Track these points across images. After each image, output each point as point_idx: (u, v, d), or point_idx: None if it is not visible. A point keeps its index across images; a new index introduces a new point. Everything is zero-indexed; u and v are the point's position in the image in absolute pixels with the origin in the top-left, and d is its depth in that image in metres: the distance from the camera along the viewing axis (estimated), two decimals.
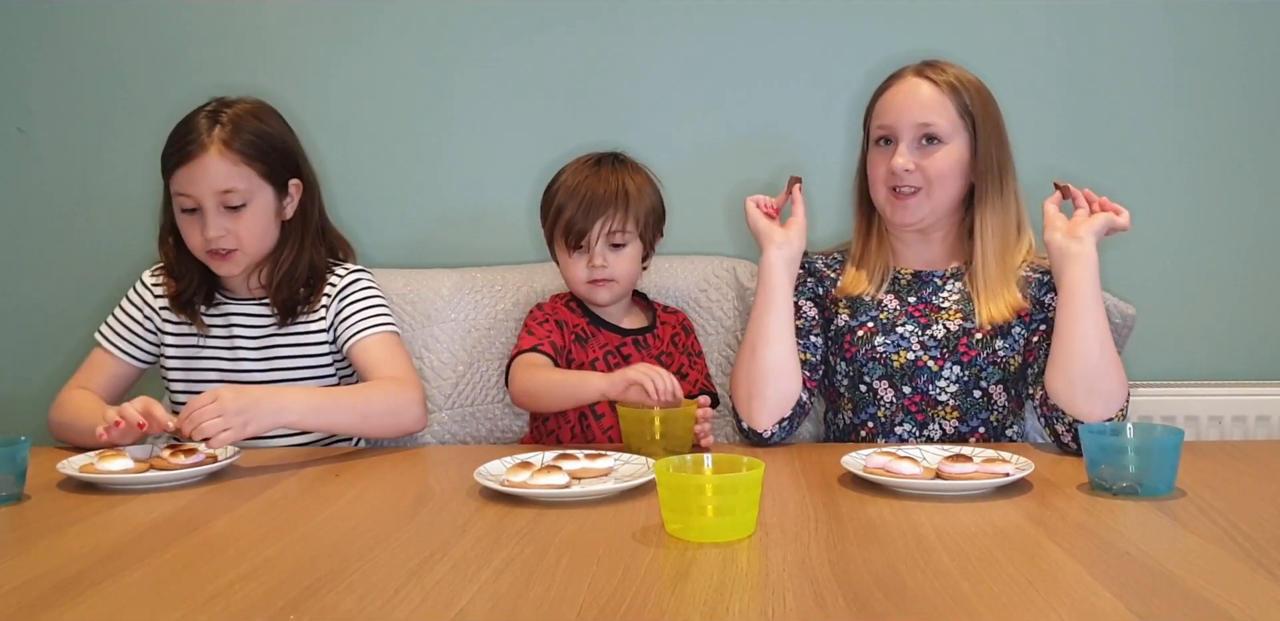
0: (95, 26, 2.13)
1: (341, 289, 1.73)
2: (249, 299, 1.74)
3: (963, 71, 1.63)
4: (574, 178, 1.72)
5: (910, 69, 1.64)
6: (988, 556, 1.03)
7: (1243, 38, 2.09)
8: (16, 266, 2.20)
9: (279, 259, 1.71)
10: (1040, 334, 1.60)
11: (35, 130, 2.17)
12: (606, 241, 1.69)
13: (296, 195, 1.73)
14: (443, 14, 2.12)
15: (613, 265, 1.70)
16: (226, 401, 1.43)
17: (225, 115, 1.65)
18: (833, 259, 1.74)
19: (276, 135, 1.69)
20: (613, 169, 1.73)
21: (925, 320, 1.63)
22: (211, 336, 1.73)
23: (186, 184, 1.63)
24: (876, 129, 1.64)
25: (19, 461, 1.31)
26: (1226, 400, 2.08)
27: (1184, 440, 1.26)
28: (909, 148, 1.59)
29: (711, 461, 1.18)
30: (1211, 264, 2.14)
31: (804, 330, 1.67)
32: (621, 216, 1.69)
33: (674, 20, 2.11)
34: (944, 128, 1.59)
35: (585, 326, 1.75)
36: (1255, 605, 0.90)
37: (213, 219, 1.63)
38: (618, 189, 1.70)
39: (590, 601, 0.92)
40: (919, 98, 1.60)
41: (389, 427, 1.61)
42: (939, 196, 1.61)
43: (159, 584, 1.00)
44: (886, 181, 1.61)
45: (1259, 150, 2.11)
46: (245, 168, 1.64)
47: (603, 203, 1.68)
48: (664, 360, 1.77)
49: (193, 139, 1.62)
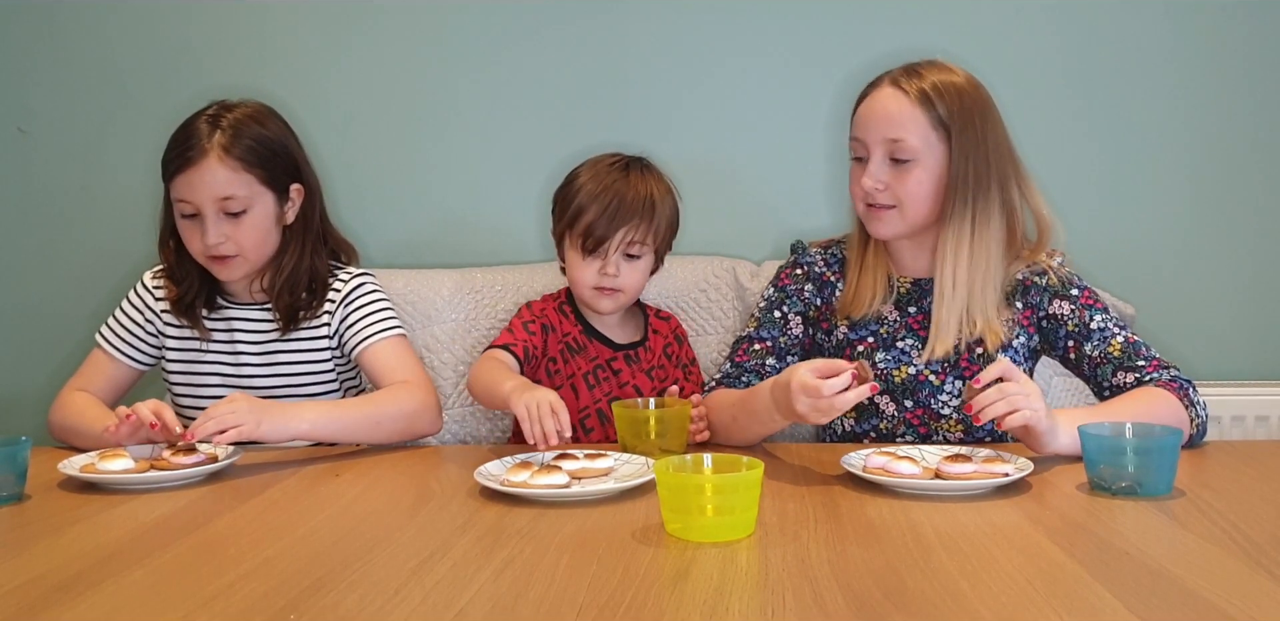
0: (95, 27, 2.13)
1: (346, 295, 1.72)
2: (251, 304, 1.73)
3: (948, 74, 1.54)
4: (600, 180, 1.67)
5: (888, 77, 1.56)
6: (988, 556, 1.03)
7: (1243, 38, 2.09)
8: (16, 266, 2.20)
9: (280, 264, 1.70)
10: (1075, 349, 1.58)
11: (35, 130, 2.17)
12: (624, 251, 1.66)
13: (298, 200, 1.71)
14: (444, 15, 2.12)
15: (624, 275, 1.68)
16: (242, 402, 1.46)
17: (226, 120, 1.63)
18: (832, 255, 1.71)
19: (277, 140, 1.67)
20: (641, 175, 1.69)
21: (925, 333, 1.61)
22: (214, 341, 1.72)
23: (186, 190, 1.61)
24: (852, 141, 1.58)
25: (19, 461, 1.31)
26: (1226, 400, 2.08)
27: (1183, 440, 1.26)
28: (879, 165, 1.53)
29: (711, 461, 1.18)
30: (1211, 264, 2.14)
31: (785, 349, 1.67)
32: (645, 227, 1.66)
33: (674, 20, 2.11)
34: (913, 144, 1.51)
35: (577, 336, 1.73)
36: (1255, 605, 0.90)
37: (212, 225, 1.62)
38: (645, 198, 1.66)
39: (590, 601, 0.92)
40: (888, 111, 1.52)
41: (403, 433, 1.61)
42: (912, 215, 1.55)
43: (159, 584, 1.00)
44: (863, 198, 1.57)
45: (1259, 150, 2.12)
46: (245, 174, 1.62)
47: (629, 211, 1.64)
48: (655, 374, 1.76)
49: (193, 145, 1.60)
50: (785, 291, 1.70)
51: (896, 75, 1.55)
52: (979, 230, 1.54)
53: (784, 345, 1.67)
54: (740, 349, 1.68)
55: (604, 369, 1.72)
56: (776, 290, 1.71)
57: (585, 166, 1.72)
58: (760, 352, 1.66)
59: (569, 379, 1.72)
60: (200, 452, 1.43)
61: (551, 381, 1.71)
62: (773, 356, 1.66)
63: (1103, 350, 1.56)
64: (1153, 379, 1.51)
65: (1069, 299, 1.60)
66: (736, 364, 1.66)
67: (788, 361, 1.66)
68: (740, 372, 1.66)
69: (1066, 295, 1.60)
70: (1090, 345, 1.57)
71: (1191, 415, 1.46)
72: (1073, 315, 1.59)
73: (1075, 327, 1.58)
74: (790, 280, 1.70)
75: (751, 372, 1.65)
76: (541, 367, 1.71)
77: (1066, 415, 1.39)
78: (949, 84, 1.53)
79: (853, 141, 1.58)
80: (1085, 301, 1.60)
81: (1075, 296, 1.60)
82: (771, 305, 1.70)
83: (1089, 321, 1.58)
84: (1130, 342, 1.56)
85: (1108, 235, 2.12)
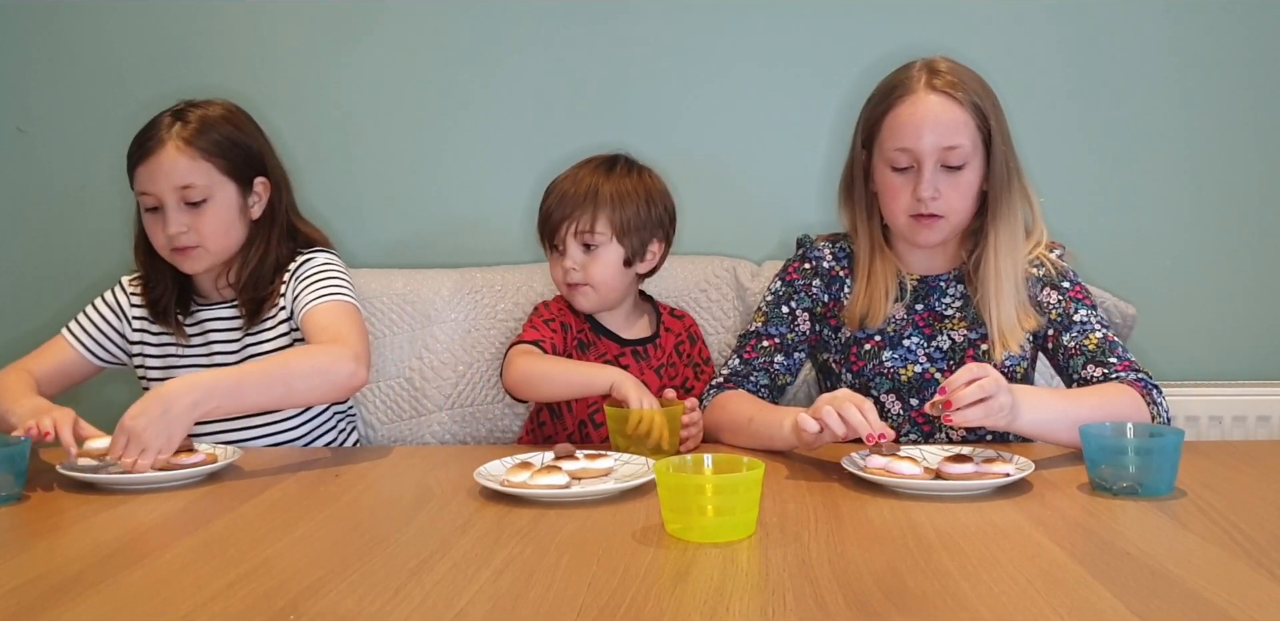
0: (95, 26, 2.13)
1: (296, 271, 1.70)
2: (220, 302, 1.73)
3: (966, 71, 1.55)
4: (562, 178, 1.72)
5: (920, 81, 1.52)
6: (988, 556, 1.03)
7: (1243, 38, 2.09)
8: (15, 265, 2.19)
9: (246, 258, 1.70)
10: (1053, 338, 1.60)
11: (35, 130, 2.17)
12: (578, 242, 1.67)
13: (264, 194, 1.71)
14: (442, 15, 2.12)
15: (586, 269, 1.67)
16: (131, 428, 1.35)
17: (190, 115, 1.64)
18: (840, 250, 1.69)
19: (239, 132, 1.68)
20: (602, 170, 1.70)
21: (930, 331, 1.62)
22: (189, 344, 1.72)
23: (148, 181, 1.62)
24: (895, 152, 1.53)
25: (19, 461, 1.31)
26: (1226, 400, 2.08)
27: (1184, 440, 1.26)
28: (934, 174, 1.51)
29: (711, 461, 1.18)
30: (1211, 264, 2.14)
31: (793, 345, 1.66)
32: (589, 218, 1.66)
33: (674, 21, 2.10)
34: (967, 149, 1.51)
35: (587, 332, 1.74)
36: (1255, 605, 0.90)
37: (173, 215, 1.62)
38: (589, 189, 1.67)
39: (590, 601, 0.92)
40: (940, 119, 1.50)
41: (320, 389, 1.53)
42: (958, 221, 1.57)
43: (159, 584, 1.00)
44: (909, 210, 1.54)
45: (1259, 150, 2.12)
46: (204, 163, 1.62)
47: (572, 201, 1.66)
48: (664, 372, 1.75)
49: (152, 136, 1.62)
50: (793, 286, 1.69)
51: (930, 80, 1.52)
52: (1017, 225, 1.57)
53: (791, 341, 1.66)
54: (748, 345, 1.68)
55: (612, 365, 1.71)
56: (784, 284, 1.70)
57: (568, 169, 1.74)
58: (769, 349, 1.66)
59: None
60: (200, 452, 1.43)
61: None
62: (780, 353, 1.66)
63: (1079, 342, 1.57)
64: (1119, 377, 1.52)
65: (1058, 289, 1.61)
66: (745, 361, 1.66)
67: (795, 358, 1.67)
68: (749, 370, 1.65)
69: (1057, 286, 1.62)
70: (1069, 336, 1.58)
71: (1153, 413, 1.47)
72: (1059, 305, 1.60)
73: (1058, 317, 1.60)
74: (798, 275, 1.69)
75: (760, 370, 1.65)
76: None
77: (1028, 394, 1.37)
78: (978, 83, 1.54)
79: (894, 151, 1.53)
80: (1074, 294, 1.61)
81: (1065, 288, 1.62)
82: (779, 300, 1.69)
83: (1073, 313, 1.59)
84: (1108, 341, 1.57)
85: (1108, 235, 2.12)
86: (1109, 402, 1.43)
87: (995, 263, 1.57)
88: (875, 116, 1.56)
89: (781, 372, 1.67)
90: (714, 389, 1.65)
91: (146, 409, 1.37)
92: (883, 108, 1.55)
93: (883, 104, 1.55)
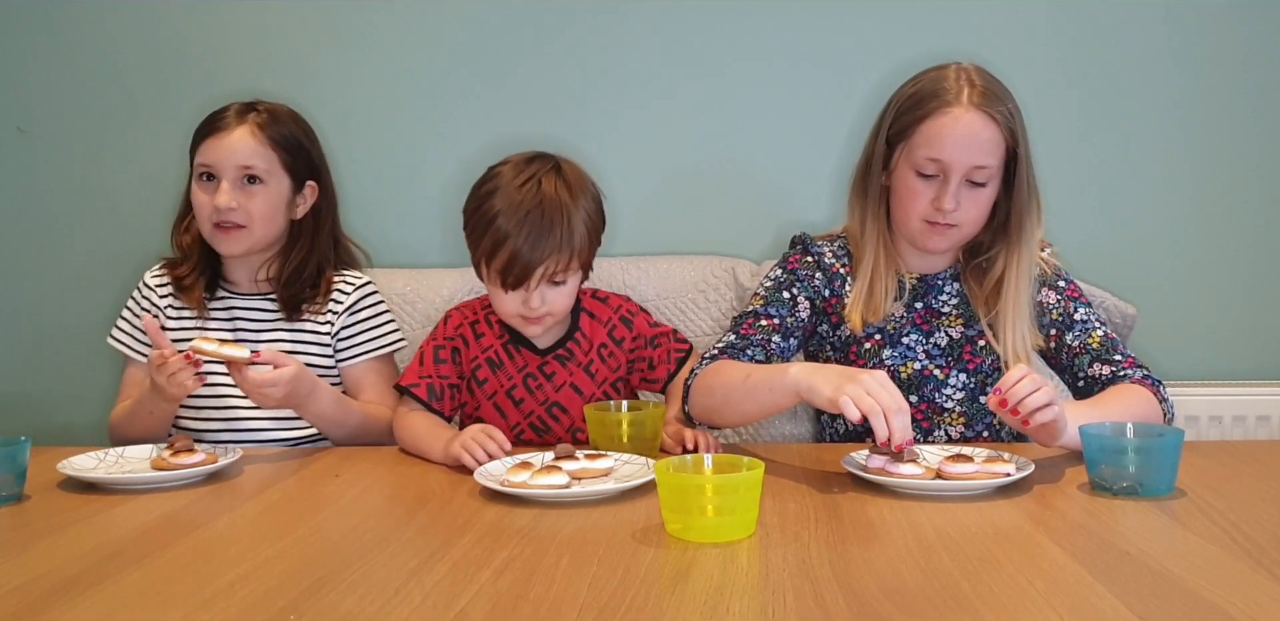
0: (95, 26, 2.13)
1: (352, 304, 1.75)
2: (254, 294, 1.75)
3: (999, 85, 1.53)
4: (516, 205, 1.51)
5: (962, 95, 1.50)
6: (988, 556, 1.03)
7: (1243, 38, 2.09)
8: (16, 266, 2.20)
9: (289, 256, 1.75)
10: (1056, 338, 1.60)
11: (35, 130, 2.17)
12: (548, 281, 1.54)
13: (310, 197, 1.76)
14: (445, 15, 2.12)
15: (551, 302, 1.55)
16: (285, 387, 1.51)
17: (261, 106, 1.72)
18: (840, 248, 1.67)
19: (304, 136, 1.75)
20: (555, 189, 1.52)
21: (928, 327, 1.62)
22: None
23: (212, 153, 1.67)
24: (925, 160, 1.52)
25: (19, 461, 1.31)
26: (1226, 400, 2.09)
27: (1184, 440, 1.26)
28: (958, 188, 1.52)
29: (711, 461, 1.18)
30: (1211, 264, 2.14)
31: (791, 329, 1.62)
32: (567, 257, 1.52)
33: (674, 21, 2.11)
34: (994, 168, 1.52)
35: (500, 348, 1.63)
36: (1255, 605, 0.90)
37: (229, 187, 1.66)
38: (564, 224, 1.50)
39: (590, 601, 0.92)
40: (979, 138, 1.50)
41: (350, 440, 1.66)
42: (970, 231, 1.57)
43: (159, 584, 1.00)
44: (925, 216, 1.54)
45: (1259, 150, 2.12)
46: (270, 151, 1.69)
47: (550, 246, 1.50)
48: (594, 369, 1.66)
49: (227, 116, 1.69)
50: (795, 275, 1.65)
51: (976, 98, 1.51)
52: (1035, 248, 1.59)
53: (790, 325, 1.62)
54: (746, 323, 1.61)
55: (535, 376, 1.64)
56: (786, 272, 1.66)
57: (499, 183, 1.55)
58: (767, 328, 1.60)
59: (491, 397, 1.64)
60: (200, 452, 1.43)
61: (475, 399, 1.65)
62: (779, 334, 1.60)
63: (1083, 341, 1.58)
64: (1127, 375, 1.54)
65: (1056, 289, 1.62)
66: (742, 336, 1.59)
67: (790, 343, 1.62)
68: (746, 345, 1.58)
69: (1054, 285, 1.62)
70: (1072, 335, 1.59)
71: (1164, 409, 1.51)
72: (1058, 304, 1.61)
73: (1059, 317, 1.60)
74: (801, 266, 1.66)
75: (757, 346, 1.58)
76: (463, 389, 1.65)
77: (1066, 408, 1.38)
78: (1012, 99, 1.53)
79: (925, 160, 1.52)
80: (1071, 293, 1.63)
81: (1062, 288, 1.63)
82: (780, 285, 1.64)
83: (1073, 312, 1.60)
84: (1109, 338, 1.59)
85: (1108, 235, 2.12)
86: (1131, 408, 1.44)
87: (1016, 284, 1.57)
88: (911, 120, 1.54)
89: (777, 353, 1.60)
90: (707, 360, 1.57)
91: (295, 386, 1.52)
92: (920, 113, 1.53)
93: (921, 110, 1.53)
